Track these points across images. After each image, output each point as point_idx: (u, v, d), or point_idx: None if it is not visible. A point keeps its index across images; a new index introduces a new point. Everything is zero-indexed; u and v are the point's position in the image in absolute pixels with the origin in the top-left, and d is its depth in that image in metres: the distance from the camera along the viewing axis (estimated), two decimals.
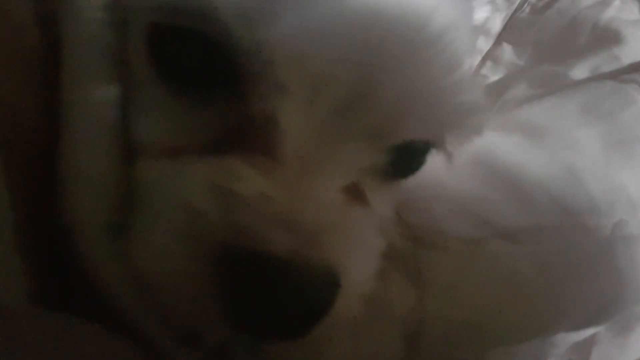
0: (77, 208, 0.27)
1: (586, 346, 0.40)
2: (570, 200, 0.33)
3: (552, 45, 0.51)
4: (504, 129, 0.37)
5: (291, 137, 0.26)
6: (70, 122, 0.27)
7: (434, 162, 0.34)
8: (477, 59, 0.52)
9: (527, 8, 0.55)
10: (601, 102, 0.39)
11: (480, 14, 0.53)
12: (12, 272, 0.24)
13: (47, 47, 0.26)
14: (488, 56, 0.53)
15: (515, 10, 0.55)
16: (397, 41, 0.27)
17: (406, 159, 0.31)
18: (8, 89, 0.26)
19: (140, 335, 0.27)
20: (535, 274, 0.31)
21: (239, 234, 0.24)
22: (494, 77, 0.51)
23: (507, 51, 0.52)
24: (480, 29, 0.53)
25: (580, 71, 0.47)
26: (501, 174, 0.34)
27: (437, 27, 0.28)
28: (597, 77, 0.45)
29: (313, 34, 0.26)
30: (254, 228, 0.24)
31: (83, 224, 0.27)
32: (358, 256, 0.27)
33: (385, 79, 0.28)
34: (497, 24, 0.54)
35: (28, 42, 0.26)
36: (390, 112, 0.28)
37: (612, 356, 0.39)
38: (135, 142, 0.28)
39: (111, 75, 0.27)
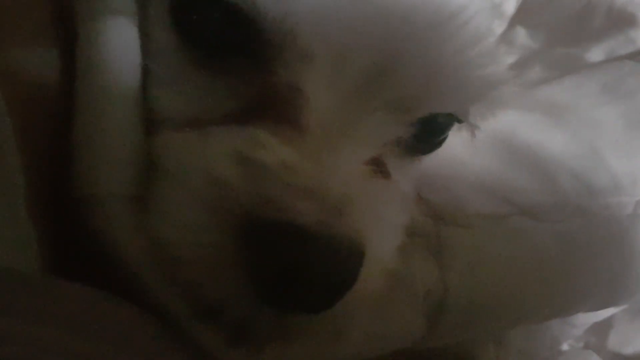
0: (96, 180, 0.26)
1: (603, 328, 0.39)
2: (592, 178, 0.33)
3: (566, 28, 0.50)
4: (523, 107, 0.36)
5: (316, 106, 0.26)
6: (89, 91, 0.26)
7: (453, 141, 0.34)
8: None
9: None
10: (621, 82, 0.39)
11: None
12: (25, 240, 0.24)
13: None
14: (501, 39, 0.52)
15: None
16: (421, 14, 0.27)
17: (429, 133, 0.31)
18: (26, 53, 0.25)
19: (159, 310, 0.26)
20: (558, 252, 0.31)
21: (265, 204, 0.23)
22: (508, 60, 0.50)
23: (521, 34, 0.52)
24: (494, 12, 0.52)
25: (595, 54, 0.46)
26: (522, 152, 0.34)
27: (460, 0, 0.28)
28: (614, 60, 0.45)
29: (338, 5, 0.25)
30: (279, 198, 0.23)
31: (102, 196, 0.26)
32: (382, 230, 0.27)
33: (409, 51, 0.27)
34: (510, 7, 0.53)
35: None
36: (415, 84, 0.28)
37: (630, 339, 0.39)
38: (155, 114, 0.27)
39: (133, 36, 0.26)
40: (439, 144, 0.32)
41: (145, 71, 0.27)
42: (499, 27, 0.52)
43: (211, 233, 0.24)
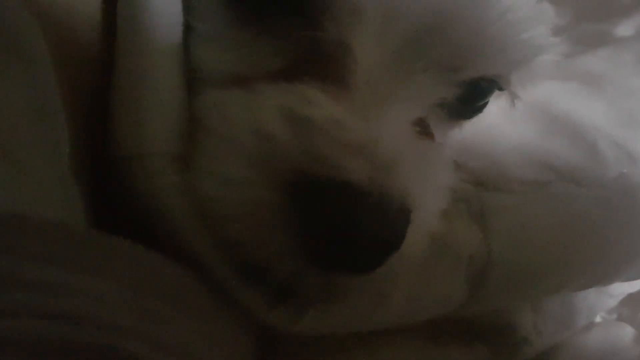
0: (138, 138, 0.26)
1: (636, 300, 0.39)
2: (631, 145, 0.33)
3: (594, 4, 0.49)
4: (561, 77, 0.36)
5: (363, 64, 0.25)
6: (130, 48, 0.26)
7: (492, 110, 0.33)
8: None
9: None
10: None
11: None
12: (71, 197, 0.23)
13: None
14: None
15: None
16: None
17: (472, 97, 0.31)
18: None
19: (202, 270, 0.26)
20: (599, 217, 0.31)
21: (314, 161, 0.23)
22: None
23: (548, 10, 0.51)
24: None
25: (625, 29, 0.46)
26: (561, 120, 0.34)
27: None
28: None
29: None
30: (329, 155, 0.23)
31: (145, 155, 0.26)
32: (428, 191, 0.26)
33: (456, 10, 0.27)
34: None
35: None
36: (461, 44, 0.27)
37: None
38: (198, 72, 0.27)
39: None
40: (480, 108, 0.32)
41: (188, 28, 0.27)
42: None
43: (258, 190, 0.24)
